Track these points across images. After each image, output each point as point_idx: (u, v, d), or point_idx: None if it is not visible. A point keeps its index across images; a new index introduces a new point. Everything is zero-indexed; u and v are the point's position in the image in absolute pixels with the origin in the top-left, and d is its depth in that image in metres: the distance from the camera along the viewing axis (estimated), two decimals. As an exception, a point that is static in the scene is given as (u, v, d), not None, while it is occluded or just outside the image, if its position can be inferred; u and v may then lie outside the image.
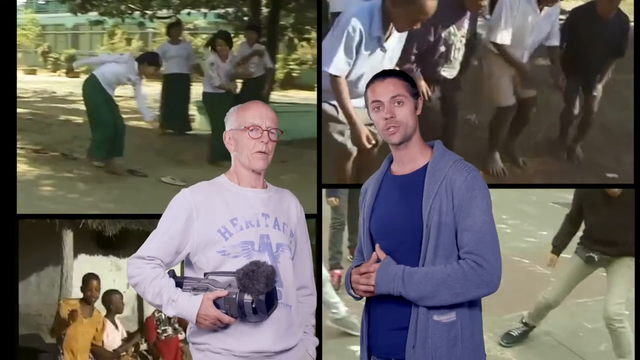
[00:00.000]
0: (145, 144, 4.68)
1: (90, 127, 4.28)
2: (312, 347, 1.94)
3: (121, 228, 3.92)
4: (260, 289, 1.68)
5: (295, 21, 5.32)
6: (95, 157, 4.24)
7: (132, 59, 4.31)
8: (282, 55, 5.69)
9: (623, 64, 3.54)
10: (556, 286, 3.52)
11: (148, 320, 4.04)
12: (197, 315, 1.71)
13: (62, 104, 5.40)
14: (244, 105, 1.88)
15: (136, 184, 4.07)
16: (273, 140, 1.84)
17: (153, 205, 3.66)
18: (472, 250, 1.65)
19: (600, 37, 3.46)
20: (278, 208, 1.89)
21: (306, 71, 5.65)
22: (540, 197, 5.58)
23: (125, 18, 5.52)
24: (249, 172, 1.85)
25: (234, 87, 4.59)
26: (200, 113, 5.09)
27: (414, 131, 1.77)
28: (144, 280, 1.76)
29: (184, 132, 4.93)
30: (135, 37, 6.12)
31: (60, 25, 6.44)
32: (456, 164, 1.72)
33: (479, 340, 1.73)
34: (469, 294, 1.65)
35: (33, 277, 4.25)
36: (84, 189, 3.96)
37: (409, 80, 1.80)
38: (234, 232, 1.79)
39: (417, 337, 1.66)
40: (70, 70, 5.44)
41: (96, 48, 6.32)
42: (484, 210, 1.68)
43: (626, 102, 3.47)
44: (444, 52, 3.23)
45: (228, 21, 5.39)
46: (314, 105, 5.07)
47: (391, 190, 1.79)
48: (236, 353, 1.76)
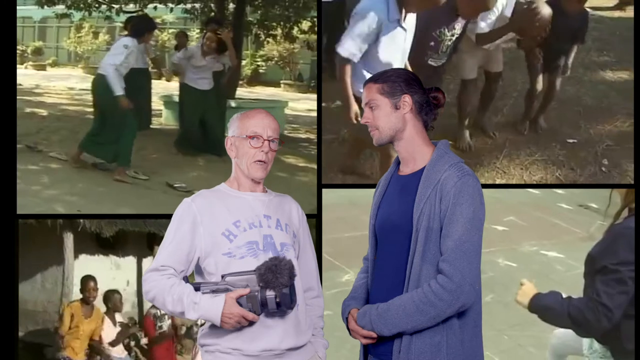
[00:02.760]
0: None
1: (93, 121, 4.22)
2: (322, 350, 1.95)
3: (118, 230, 3.97)
4: (284, 282, 1.69)
5: (261, 17, 5.33)
6: (86, 151, 4.17)
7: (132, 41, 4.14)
8: (250, 51, 5.72)
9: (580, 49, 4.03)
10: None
11: (146, 317, 4.09)
12: (222, 315, 1.71)
13: (28, 97, 5.35)
14: (247, 113, 1.89)
15: (100, 179, 4.07)
16: (274, 149, 1.86)
17: (116, 200, 3.74)
18: (448, 258, 1.62)
19: (565, 27, 3.70)
20: (279, 210, 1.90)
21: (272, 67, 5.72)
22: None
23: (93, 11, 5.49)
24: (249, 180, 1.88)
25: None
26: (167, 108, 5.12)
27: (397, 131, 1.77)
28: (162, 292, 1.75)
29: (147, 127, 4.91)
30: (103, 31, 6.09)
31: (28, 18, 6.35)
32: (451, 167, 1.69)
33: (471, 349, 1.71)
34: (444, 313, 1.63)
35: (38, 276, 4.30)
36: (47, 182, 3.95)
37: (387, 81, 1.78)
38: (238, 233, 1.80)
39: (402, 341, 1.68)
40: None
41: (63, 41, 6.31)
42: (469, 218, 1.63)
43: (580, 79, 4.23)
44: (433, 45, 3.38)
45: (195, 16, 5.40)
46: (279, 101, 5.16)
47: (394, 190, 1.81)
48: (246, 352, 1.77)
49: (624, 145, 3.77)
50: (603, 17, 3.99)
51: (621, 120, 3.96)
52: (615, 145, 3.81)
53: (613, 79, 4.35)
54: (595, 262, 2.11)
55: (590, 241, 2.77)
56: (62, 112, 5.22)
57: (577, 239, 3.75)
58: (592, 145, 3.84)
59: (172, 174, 4.13)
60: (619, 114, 4.00)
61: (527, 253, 5.08)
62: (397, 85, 1.76)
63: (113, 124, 4.06)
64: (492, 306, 3.83)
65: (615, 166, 3.68)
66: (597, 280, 2.07)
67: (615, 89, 4.25)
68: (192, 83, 4.55)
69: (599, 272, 2.07)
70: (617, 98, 4.16)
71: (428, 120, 1.80)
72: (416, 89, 1.78)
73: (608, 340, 2.21)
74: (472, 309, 1.69)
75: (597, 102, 4.16)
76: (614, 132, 3.91)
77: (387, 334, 1.68)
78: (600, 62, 4.40)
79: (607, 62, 4.41)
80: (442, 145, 1.78)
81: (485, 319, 1.77)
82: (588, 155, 3.77)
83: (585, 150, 3.81)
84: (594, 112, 4.08)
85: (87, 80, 4.31)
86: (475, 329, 1.73)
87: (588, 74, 4.03)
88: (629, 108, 3.91)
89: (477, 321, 1.73)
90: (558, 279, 4.50)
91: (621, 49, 4.45)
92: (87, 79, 5.38)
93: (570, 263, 4.81)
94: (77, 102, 5.51)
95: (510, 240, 5.19)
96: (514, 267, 4.76)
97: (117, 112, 4.02)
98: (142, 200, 3.79)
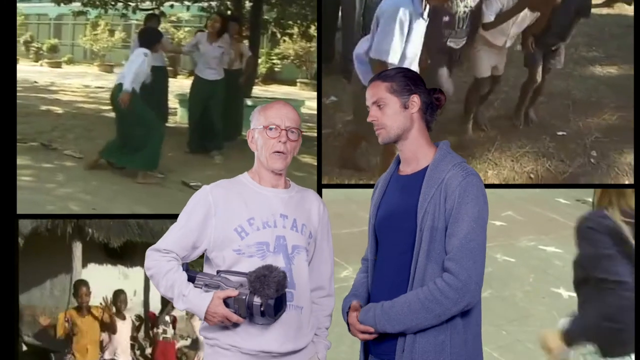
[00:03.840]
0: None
1: (117, 130, 4.19)
2: (322, 351, 1.93)
3: (126, 241, 4.02)
4: (270, 294, 1.68)
5: (277, 15, 5.33)
6: (110, 159, 4.17)
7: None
8: (265, 49, 5.70)
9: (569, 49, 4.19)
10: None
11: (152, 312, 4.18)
12: (206, 312, 1.72)
13: (43, 94, 5.34)
14: (267, 105, 1.87)
15: (115, 178, 4.07)
16: (292, 140, 1.82)
17: (131, 199, 3.73)
18: (453, 257, 1.62)
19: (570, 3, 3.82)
20: (299, 209, 1.87)
21: (288, 66, 5.69)
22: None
23: (109, 9, 5.48)
24: (269, 172, 1.85)
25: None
26: (182, 106, 5.09)
27: (404, 130, 1.76)
28: (159, 273, 1.78)
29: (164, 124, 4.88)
30: (118, 29, 6.08)
31: (43, 15, 6.34)
32: (455, 167, 1.69)
33: (473, 348, 1.71)
34: (449, 311, 1.63)
35: (47, 282, 4.32)
36: (62, 180, 3.95)
37: (396, 79, 1.77)
38: (250, 231, 1.79)
39: (406, 340, 1.67)
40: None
41: (79, 38, 6.26)
42: (474, 217, 1.63)
43: (570, 74, 4.35)
44: (448, 21, 3.41)
45: (211, 14, 5.31)
46: (295, 100, 5.13)
47: (395, 190, 1.80)
48: (244, 350, 1.77)
49: (612, 137, 3.90)
50: (592, 14, 4.10)
51: (609, 113, 4.10)
52: (603, 138, 3.92)
53: (602, 73, 4.48)
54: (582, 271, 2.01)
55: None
56: (78, 110, 5.19)
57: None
58: (581, 138, 3.94)
59: (188, 173, 4.13)
60: (607, 108, 4.13)
61: (525, 248, 5.13)
62: (406, 84, 1.76)
63: (137, 132, 4.05)
64: (490, 301, 3.87)
65: (604, 157, 3.79)
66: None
67: (603, 83, 4.38)
68: (201, 73, 4.55)
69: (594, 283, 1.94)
70: (606, 92, 4.28)
71: (430, 120, 1.80)
72: (423, 89, 1.78)
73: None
74: (475, 308, 1.69)
75: (586, 96, 4.28)
76: (602, 125, 4.03)
77: (390, 331, 1.68)
78: (589, 58, 4.52)
79: (596, 58, 4.53)
80: (444, 145, 1.78)
81: (484, 314, 1.78)
82: (577, 147, 3.88)
83: (575, 143, 3.91)
84: (583, 105, 4.19)
85: (102, 78, 4.28)
86: (477, 328, 1.74)
87: (577, 68, 4.15)
88: (617, 102, 4.09)
89: (478, 320, 1.74)
90: (556, 274, 4.55)
91: (610, 45, 4.59)
92: (102, 77, 5.34)
93: (568, 258, 4.83)
94: (92, 100, 5.49)
95: (509, 235, 5.23)
96: (512, 262, 4.80)
97: (140, 119, 4.03)
98: (158, 199, 3.79)
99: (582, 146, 3.89)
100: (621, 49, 4.55)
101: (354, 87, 3.38)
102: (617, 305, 1.85)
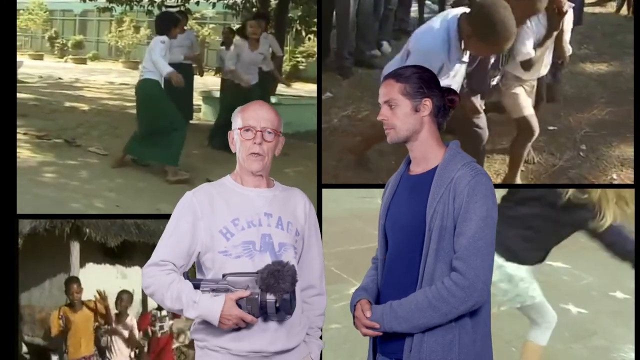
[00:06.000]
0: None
1: (138, 126, 4.14)
2: (315, 351, 1.90)
3: (123, 240, 3.99)
4: (285, 288, 1.67)
5: (302, 13, 5.31)
6: (133, 155, 4.14)
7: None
8: (289, 47, 5.68)
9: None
10: None
11: (145, 314, 4.16)
12: (221, 316, 1.68)
13: (68, 90, 5.32)
14: (245, 105, 1.85)
15: (139, 175, 4.05)
16: (268, 140, 1.80)
17: (155, 197, 3.71)
18: (461, 256, 1.61)
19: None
20: (283, 207, 1.85)
21: (312, 64, 5.60)
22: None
23: (134, 5, 5.46)
24: (250, 174, 1.83)
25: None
26: (205, 103, 5.06)
27: (414, 132, 1.75)
28: (160, 288, 1.73)
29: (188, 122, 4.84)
30: (144, 25, 6.07)
31: (68, 11, 6.29)
32: (464, 166, 1.68)
33: (482, 348, 1.71)
34: (456, 310, 1.62)
35: (47, 282, 4.29)
36: (86, 177, 3.93)
37: (410, 81, 1.75)
38: (235, 232, 1.77)
39: (414, 340, 1.66)
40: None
41: (104, 35, 6.21)
42: (483, 216, 1.62)
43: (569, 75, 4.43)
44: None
45: (236, 12, 5.36)
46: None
47: (405, 190, 1.79)
48: (233, 352, 1.75)
49: (600, 132, 3.99)
50: (584, 13, 4.20)
51: (599, 109, 4.18)
52: (593, 132, 4.00)
53: (592, 70, 4.55)
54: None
55: (596, 251, 2.95)
56: (102, 107, 5.14)
57: (581, 248, 3.80)
58: (572, 132, 4.01)
59: (213, 170, 4.04)
60: (597, 104, 4.21)
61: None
62: (419, 87, 1.74)
63: (160, 126, 4.00)
64: (501, 317, 3.73)
65: (593, 151, 3.86)
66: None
67: (594, 80, 4.45)
68: (238, 80, 4.45)
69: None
70: (596, 88, 4.36)
71: (442, 122, 1.79)
72: (436, 92, 1.76)
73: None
74: (484, 308, 1.69)
75: (577, 92, 4.35)
76: (592, 120, 4.10)
77: (397, 330, 1.67)
78: (580, 55, 4.57)
79: (587, 55, 4.61)
80: (454, 145, 1.77)
81: (493, 331, 1.76)
82: (567, 142, 3.94)
83: (565, 137, 3.97)
84: (573, 101, 4.25)
85: (127, 75, 4.22)
86: (485, 329, 1.73)
87: (569, 65, 4.19)
88: (606, 98, 4.19)
89: (487, 321, 1.73)
90: (565, 290, 4.51)
91: (601, 43, 4.68)
92: (127, 74, 5.28)
93: (576, 273, 4.85)
94: (117, 96, 5.46)
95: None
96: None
97: (163, 114, 3.97)
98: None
99: (572, 140, 3.95)
100: (612, 47, 4.69)
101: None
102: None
